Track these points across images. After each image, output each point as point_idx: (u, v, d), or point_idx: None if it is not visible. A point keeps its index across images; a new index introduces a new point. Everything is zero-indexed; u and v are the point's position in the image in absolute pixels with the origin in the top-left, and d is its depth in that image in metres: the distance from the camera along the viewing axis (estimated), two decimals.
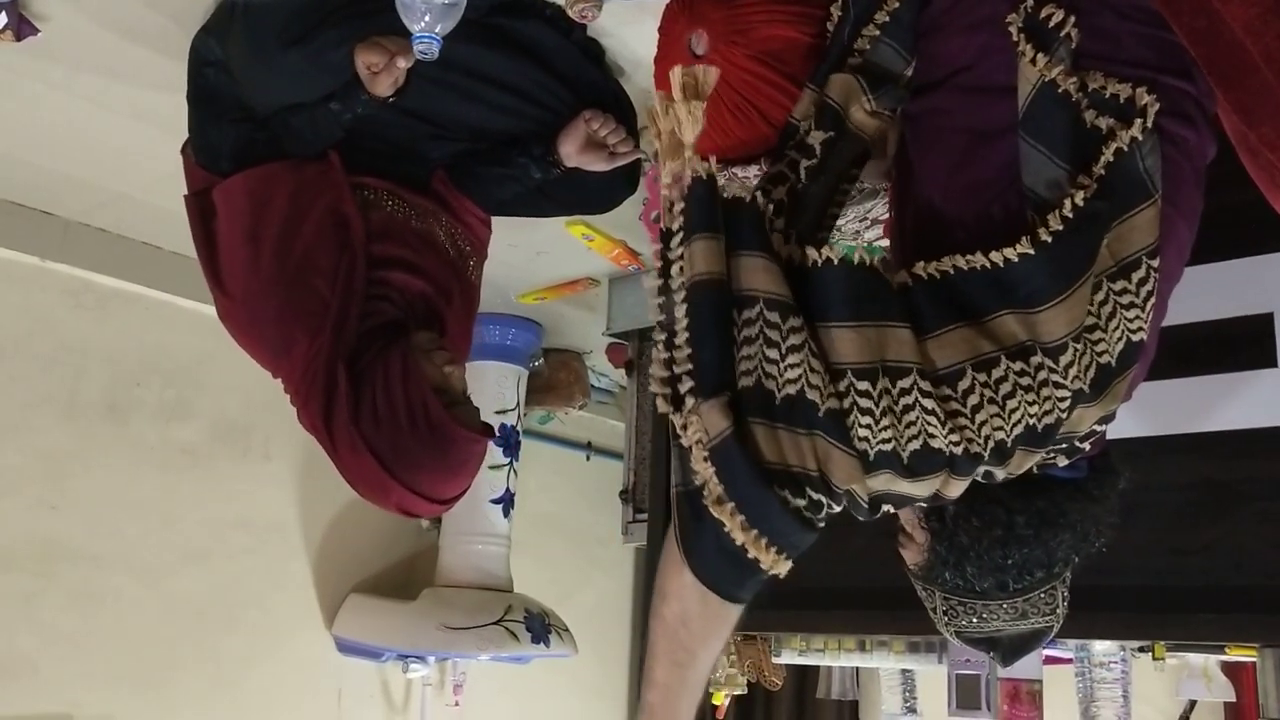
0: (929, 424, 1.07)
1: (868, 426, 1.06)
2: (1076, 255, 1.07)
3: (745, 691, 2.70)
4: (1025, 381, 1.09)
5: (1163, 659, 2.04)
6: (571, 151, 1.87)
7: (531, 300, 3.27)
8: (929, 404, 1.07)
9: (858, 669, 2.96)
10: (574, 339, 3.68)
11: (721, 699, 2.69)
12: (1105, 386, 1.12)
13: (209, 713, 3.07)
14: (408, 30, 1.46)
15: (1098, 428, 1.19)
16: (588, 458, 4.18)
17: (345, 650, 3.35)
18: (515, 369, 3.51)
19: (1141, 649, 2.08)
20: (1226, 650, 1.96)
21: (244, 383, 3.04)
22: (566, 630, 3.44)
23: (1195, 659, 2.45)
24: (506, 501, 3.46)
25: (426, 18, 1.44)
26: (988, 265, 1.07)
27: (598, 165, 1.89)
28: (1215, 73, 1.00)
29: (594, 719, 4.31)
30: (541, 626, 3.31)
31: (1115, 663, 2.12)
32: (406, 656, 3.32)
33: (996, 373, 1.08)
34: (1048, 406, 1.09)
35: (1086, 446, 1.21)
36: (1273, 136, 1.00)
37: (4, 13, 1.87)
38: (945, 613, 1.32)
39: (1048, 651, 2.15)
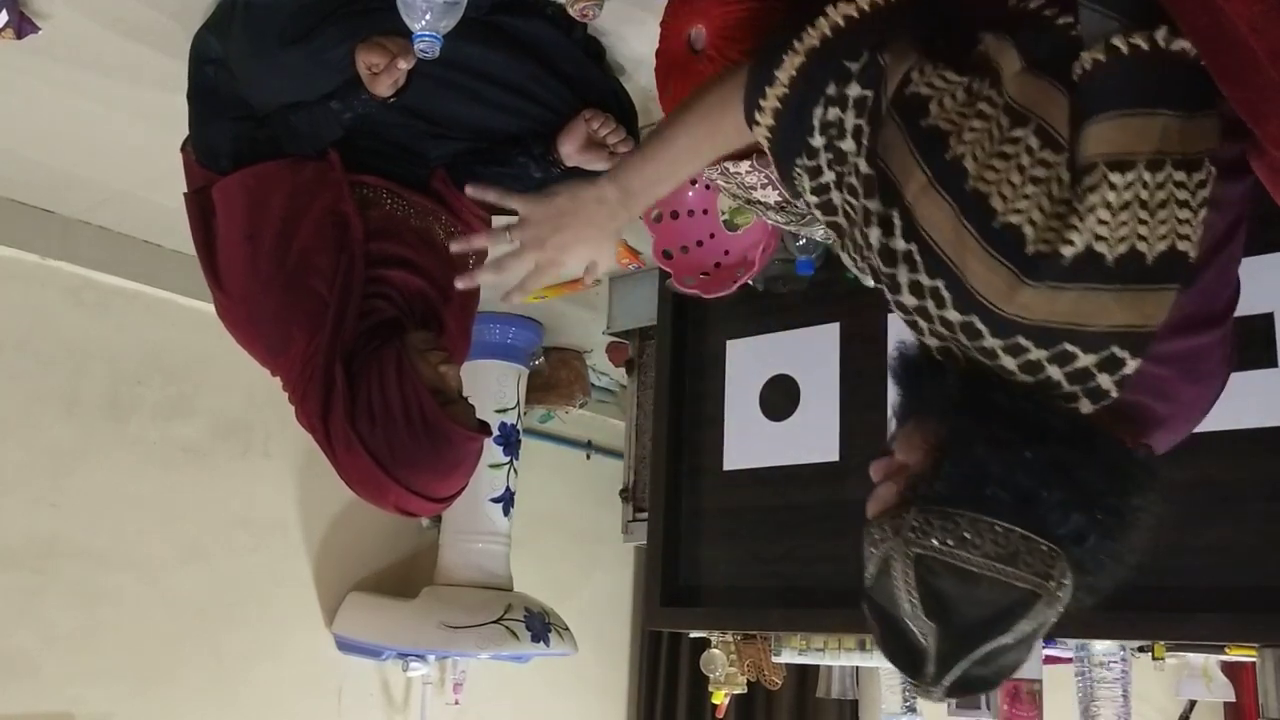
0: (981, 143, 1.05)
1: (939, 103, 1.07)
2: (1149, 82, 1.01)
3: (745, 691, 2.69)
4: (1052, 175, 1.03)
5: (1162, 659, 2.04)
6: (571, 151, 1.87)
7: (532, 299, 3.24)
8: (989, 122, 1.05)
9: (857, 668, 2.95)
10: (574, 337, 3.68)
11: (721, 698, 2.69)
12: (1130, 279, 1.01)
13: (209, 710, 3.07)
14: (408, 29, 1.46)
15: (1122, 356, 1.04)
16: (588, 456, 4.18)
17: (345, 648, 3.35)
18: (516, 367, 3.51)
19: (1141, 649, 2.08)
20: (1226, 650, 1.96)
21: (245, 380, 3.04)
22: (566, 629, 3.44)
23: (1195, 659, 2.44)
24: (506, 500, 3.46)
25: (427, 16, 1.44)
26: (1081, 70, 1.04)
27: (598, 165, 1.89)
28: (1219, 70, 0.99)
29: (594, 718, 4.31)
30: (541, 625, 3.31)
31: (1115, 662, 2.11)
32: (406, 655, 3.32)
33: (1043, 156, 1.03)
34: (1054, 223, 1.01)
35: (1111, 388, 1.06)
36: (1277, 134, 0.99)
37: (4, 10, 1.87)
38: (914, 528, 1.06)
39: (1047, 651, 2.15)
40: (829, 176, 1.14)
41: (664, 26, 1.67)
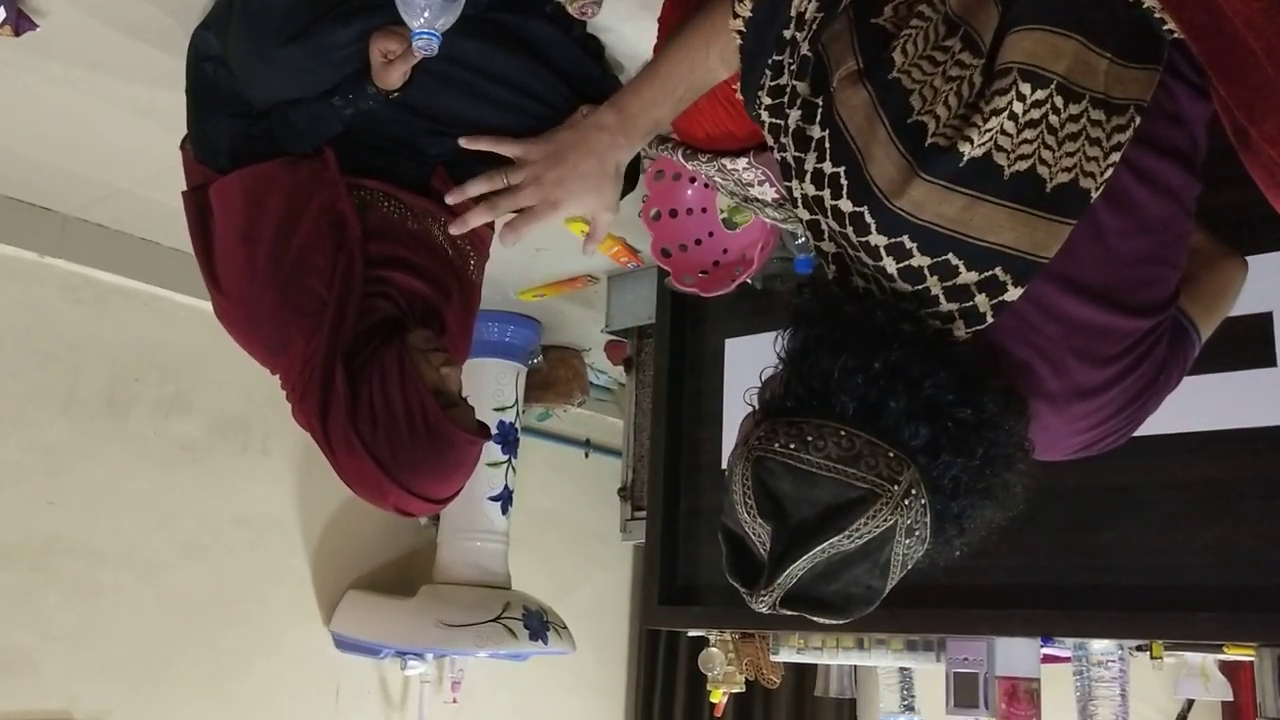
0: (915, 40, 1.04)
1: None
2: (1081, 5, 1.01)
3: (743, 689, 2.69)
4: (965, 76, 1.01)
5: (1160, 658, 2.04)
6: None
7: (531, 297, 3.27)
8: (927, 24, 1.04)
9: (856, 667, 2.95)
10: (573, 336, 3.68)
11: (719, 697, 2.69)
12: (1025, 201, 1.01)
13: (207, 709, 3.07)
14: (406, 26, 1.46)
15: (1004, 280, 1.02)
16: (586, 455, 4.17)
17: (343, 647, 3.35)
18: (514, 366, 3.51)
19: (1139, 648, 2.08)
20: (1224, 649, 1.96)
21: (243, 378, 3.04)
22: (564, 627, 3.44)
23: (1193, 658, 2.44)
24: (505, 498, 3.46)
25: (426, 13, 1.43)
26: None
27: None
28: (1217, 68, 0.99)
29: (592, 716, 4.31)
30: (539, 623, 3.31)
31: (1113, 661, 2.11)
32: (404, 653, 3.32)
33: (961, 58, 1.03)
34: (957, 121, 1.01)
35: (988, 311, 1.04)
36: (1274, 133, 0.99)
37: (2, 7, 1.87)
38: (759, 438, 1.04)
39: (1046, 650, 2.15)
40: (785, 74, 1.13)
41: (662, 23, 1.68)
